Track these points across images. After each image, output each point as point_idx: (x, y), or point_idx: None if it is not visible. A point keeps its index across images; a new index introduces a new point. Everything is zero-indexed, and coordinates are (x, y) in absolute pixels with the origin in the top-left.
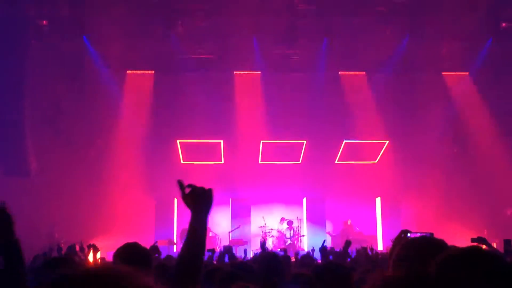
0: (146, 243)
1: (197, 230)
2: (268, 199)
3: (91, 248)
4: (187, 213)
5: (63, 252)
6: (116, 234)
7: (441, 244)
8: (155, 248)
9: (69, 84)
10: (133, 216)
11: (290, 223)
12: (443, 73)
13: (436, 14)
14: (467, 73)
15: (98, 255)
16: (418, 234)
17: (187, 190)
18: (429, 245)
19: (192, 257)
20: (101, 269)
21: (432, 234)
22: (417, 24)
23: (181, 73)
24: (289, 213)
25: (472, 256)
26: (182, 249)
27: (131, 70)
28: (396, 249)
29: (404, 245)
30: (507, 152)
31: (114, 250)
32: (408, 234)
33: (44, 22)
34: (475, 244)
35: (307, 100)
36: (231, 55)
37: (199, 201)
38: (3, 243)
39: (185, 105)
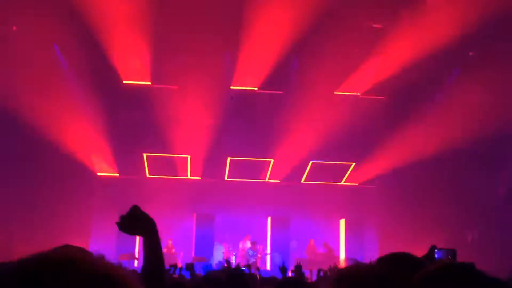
0: (109, 258)
1: (155, 249)
2: (233, 216)
3: None
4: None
5: None
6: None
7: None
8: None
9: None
10: (94, 230)
11: (254, 243)
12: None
13: None
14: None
15: None
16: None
17: (122, 221)
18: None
19: (155, 269)
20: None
21: (455, 250)
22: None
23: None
24: (254, 231)
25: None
26: (144, 265)
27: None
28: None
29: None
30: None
31: None
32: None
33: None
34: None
35: (276, 119)
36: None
37: (142, 224)
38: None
39: (152, 119)
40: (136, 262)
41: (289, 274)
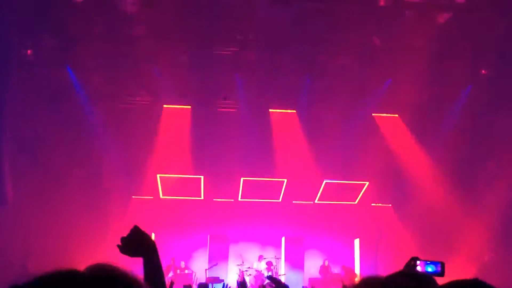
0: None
1: (156, 269)
2: (247, 237)
3: None
4: (165, 248)
5: None
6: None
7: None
8: None
9: (51, 113)
10: (108, 249)
11: (269, 263)
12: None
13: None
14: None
15: None
16: (427, 262)
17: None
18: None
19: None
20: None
21: (443, 263)
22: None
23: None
24: (268, 252)
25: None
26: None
27: (112, 103)
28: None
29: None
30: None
31: None
32: (418, 262)
33: (28, 51)
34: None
35: (289, 138)
36: (213, 91)
37: (143, 245)
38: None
39: (166, 140)
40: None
41: None
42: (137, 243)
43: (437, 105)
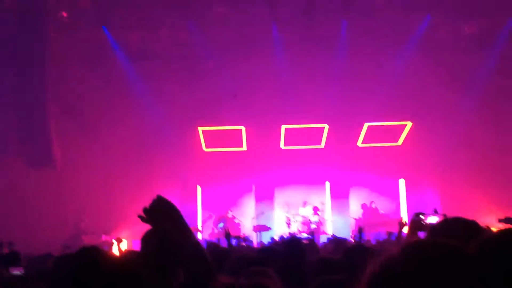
0: None
1: (188, 237)
2: (292, 185)
3: (117, 241)
4: (212, 200)
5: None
6: (140, 223)
7: (474, 226)
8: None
9: (92, 75)
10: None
11: (315, 209)
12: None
13: None
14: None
15: (124, 245)
16: (432, 215)
17: (148, 216)
18: (462, 227)
19: (198, 257)
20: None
21: (445, 215)
22: (436, 4)
23: (200, 61)
24: (313, 198)
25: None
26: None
27: (150, 61)
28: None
29: (433, 231)
30: None
31: (139, 239)
32: (422, 216)
33: (64, 13)
34: (503, 224)
35: (327, 83)
36: (248, 40)
37: (167, 215)
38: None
39: (206, 92)
40: (200, 234)
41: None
42: (160, 212)
43: (478, 40)
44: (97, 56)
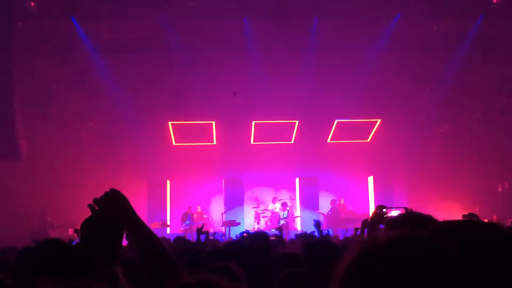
0: None
1: (143, 230)
2: (261, 180)
3: (76, 233)
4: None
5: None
6: None
7: (430, 219)
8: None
9: (59, 66)
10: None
11: (284, 204)
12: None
13: None
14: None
15: None
16: (394, 209)
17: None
18: (419, 220)
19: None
20: None
21: (407, 208)
22: (407, 3)
23: (171, 54)
24: (282, 193)
25: (467, 226)
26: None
27: (119, 53)
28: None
29: (392, 223)
30: (497, 128)
31: None
32: (384, 210)
33: (32, 3)
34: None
35: (299, 79)
36: (220, 35)
37: (118, 207)
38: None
39: (176, 86)
40: (168, 229)
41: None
42: (111, 204)
43: (446, 39)
44: (65, 47)
